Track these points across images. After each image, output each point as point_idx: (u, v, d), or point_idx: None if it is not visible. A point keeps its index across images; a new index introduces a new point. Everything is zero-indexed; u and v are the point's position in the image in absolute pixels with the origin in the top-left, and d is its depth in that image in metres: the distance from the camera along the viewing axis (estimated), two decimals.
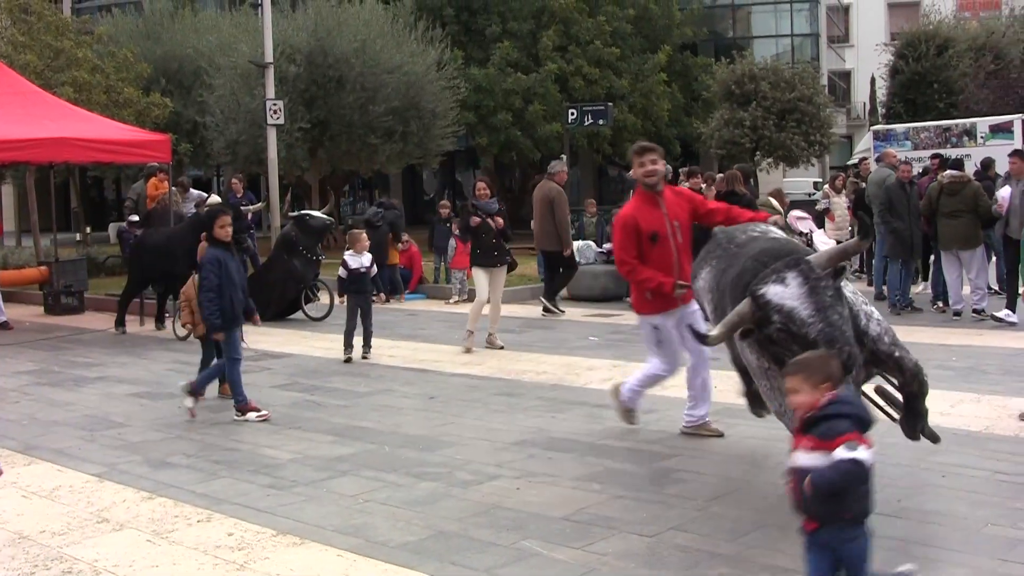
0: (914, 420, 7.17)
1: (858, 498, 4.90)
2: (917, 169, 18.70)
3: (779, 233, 7.89)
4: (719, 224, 8.83)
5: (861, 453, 4.78)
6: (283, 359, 14.47)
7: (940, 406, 10.13)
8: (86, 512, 7.66)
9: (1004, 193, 16.24)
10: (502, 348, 14.76)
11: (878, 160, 21.52)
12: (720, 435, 9.29)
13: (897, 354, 6.88)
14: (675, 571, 6.16)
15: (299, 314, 18.54)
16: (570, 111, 26.30)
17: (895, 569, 5.44)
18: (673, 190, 9.12)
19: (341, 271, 14.30)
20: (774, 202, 16.51)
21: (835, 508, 4.89)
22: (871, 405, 7.23)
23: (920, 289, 18.73)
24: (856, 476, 4.80)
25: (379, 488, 8.04)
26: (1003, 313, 15.53)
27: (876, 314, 6.98)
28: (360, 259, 14.23)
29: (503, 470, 8.45)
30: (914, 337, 14.13)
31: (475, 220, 14.66)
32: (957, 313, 16.39)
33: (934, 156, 19.91)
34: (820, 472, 4.82)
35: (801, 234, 20.30)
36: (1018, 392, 10.69)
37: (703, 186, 17.84)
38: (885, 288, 18.06)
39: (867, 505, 4.96)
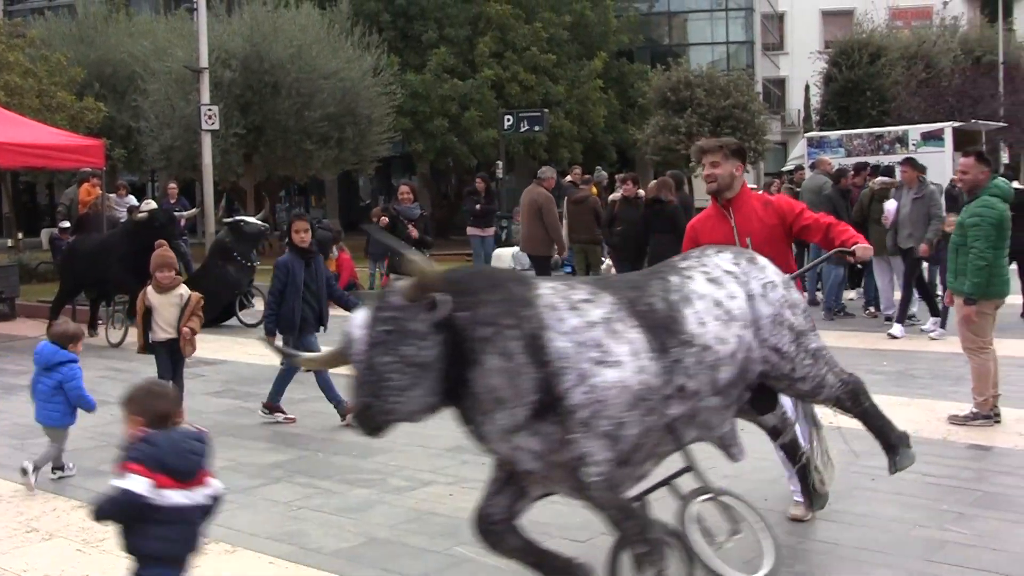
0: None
1: (145, 537, 4.70)
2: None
3: (726, 265, 5.96)
4: (816, 243, 7.86)
5: (133, 484, 4.56)
6: (217, 366, 14.38)
7: None
8: (15, 521, 7.59)
9: (890, 206, 16.24)
10: None
11: (812, 167, 21.69)
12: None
13: (570, 437, 5.00)
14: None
15: (234, 320, 18.41)
16: (506, 117, 26.36)
17: None
18: (762, 199, 7.33)
19: None
20: None
21: (127, 541, 4.75)
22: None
23: (853, 296, 18.91)
24: (123, 507, 4.61)
25: (313, 495, 8.02)
26: (930, 326, 15.57)
27: (596, 382, 5.01)
28: None
29: (437, 476, 8.45)
30: (846, 342, 14.32)
31: (384, 220, 14.51)
32: (888, 318, 16.54)
33: (857, 166, 19.61)
34: (96, 497, 4.83)
35: None
36: (946, 396, 10.83)
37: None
38: (819, 294, 18.21)
39: (160, 548, 4.73)
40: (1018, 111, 43.47)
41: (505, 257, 20.62)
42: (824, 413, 7.17)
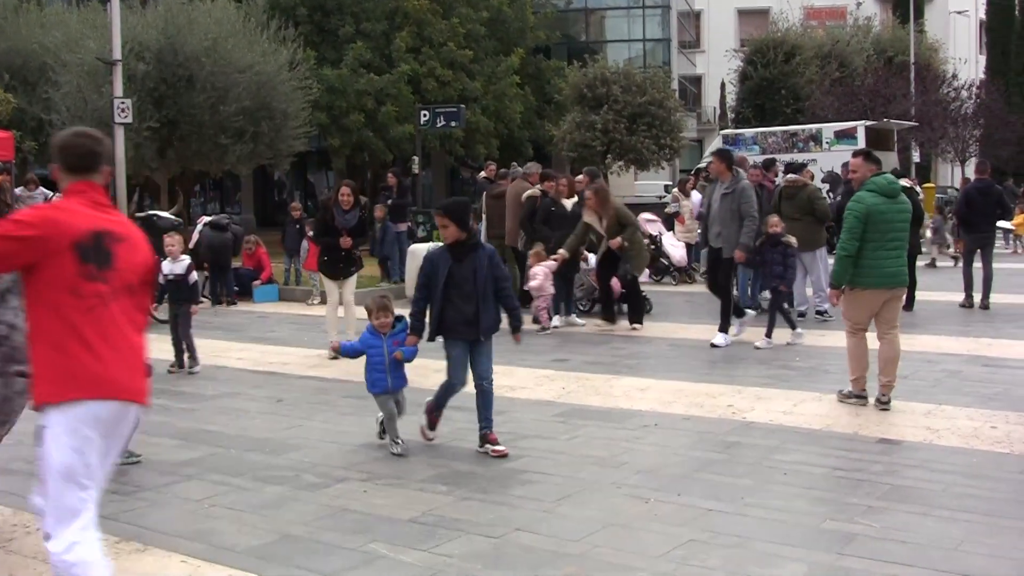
0: None
1: None
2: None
3: None
4: None
5: None
6: None
7: (783, 405, 10.37)
8: None
9: (695, 199, 15.86)
10: None
11: None
12: None
13: None
14: (521, 571, 6.19)
15: None
16: (422, 113, 26.24)
17: None
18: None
19: (160, 278, 13.17)
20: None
21: None
22: None
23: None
24: None
25: (225, 492, 7.94)
26: (720, 340, 14.62)
27: None
28: (172, 266, 13.39)
29: (351, 472, 8.41)
30: (760, 340, 14.42)
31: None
32: (801, 314, 16.67)
33: (765, 162, 19.27)
34: None
35: (650, 237, 20.50)
36: None
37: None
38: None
39: None
40: (929, 111, 44.25)
41: (419, 254, 20.52)
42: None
